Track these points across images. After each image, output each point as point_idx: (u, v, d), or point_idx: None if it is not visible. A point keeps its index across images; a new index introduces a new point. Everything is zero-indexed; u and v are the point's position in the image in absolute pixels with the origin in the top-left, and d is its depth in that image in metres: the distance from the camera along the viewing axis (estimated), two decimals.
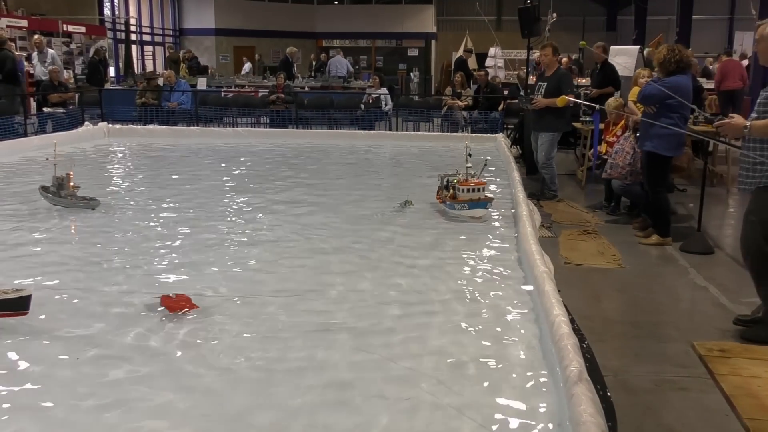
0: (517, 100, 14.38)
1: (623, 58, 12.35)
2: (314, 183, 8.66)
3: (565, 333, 3.49)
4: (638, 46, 13.76)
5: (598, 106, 8.73)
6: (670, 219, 7.12)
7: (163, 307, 4.18)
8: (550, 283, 4.34)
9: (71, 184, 6.74)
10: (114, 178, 9.70)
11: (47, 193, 6.80)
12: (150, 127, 13.89)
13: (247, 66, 24.39)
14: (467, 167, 6.62)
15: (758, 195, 4.68)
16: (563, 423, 2.91)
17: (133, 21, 25.89)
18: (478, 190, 6.50)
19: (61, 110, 14.11)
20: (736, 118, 4.66)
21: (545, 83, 9.08)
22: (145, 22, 27.33)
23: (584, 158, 10.46)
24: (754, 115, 4.66)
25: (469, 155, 6.69)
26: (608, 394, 3.36)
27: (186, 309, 4.15)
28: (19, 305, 3.78)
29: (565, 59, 9.64)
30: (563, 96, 7.97)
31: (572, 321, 3.83)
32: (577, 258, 6.50)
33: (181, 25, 29.11)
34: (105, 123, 13.50)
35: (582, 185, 10.21)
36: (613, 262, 6.41)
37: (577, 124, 10.82)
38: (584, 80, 16.92)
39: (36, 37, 16.42)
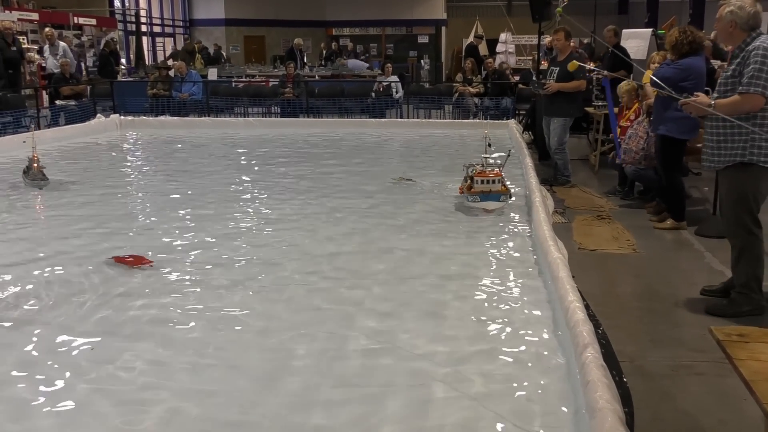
0: (529, 86, 14.30)
1: (635, 41, 12.21)
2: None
3: (580, 319, 3.47)
4: (650, 29, 13.60)
5: (605, 73, 8.66)
6: (685, 203, 7.05)
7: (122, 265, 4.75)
8: (564, 269, 4.31)
9: (35, 165, 7.75)
10: (127, 168, 9.78)
11: (25, 176, 7.83)
12: (161, 118, 13.93)
13: None
14: (483, 157, 6.50)
15: (729, 174, 4.71)
16: (579, 410, 2.89)
17: (143, 12, 25.89)
18: (493, 181, 6.37)
19: (73, 103, 14.15)
20: (701, 97, 4.72)
21: (557, 68, 8.99)
22: (156, 13, 27.32)
23: (597, 143, 10.38)
24: (715, 94, 4.73)
25: (489, 145, 6.51)
26: (624, 380, 3.34)
27: (144, 264, 4.74)
28: None
29: (572, 44, 9.57)
30: (573, 61, 8.00)
31: (587, 307, 3.81)
32: (591, 243, 6.46)
33: (191, 16, 29.08)
34: (117, 115, 13.55)
35: (595, 170, 10.13)
36: (628, 247, 6.36)
37: (590, 109, 10.72)
38: (595, 64, 16.74)
39: (47, 29, 16.43)
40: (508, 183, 6.79)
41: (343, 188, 7.78)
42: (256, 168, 9.29)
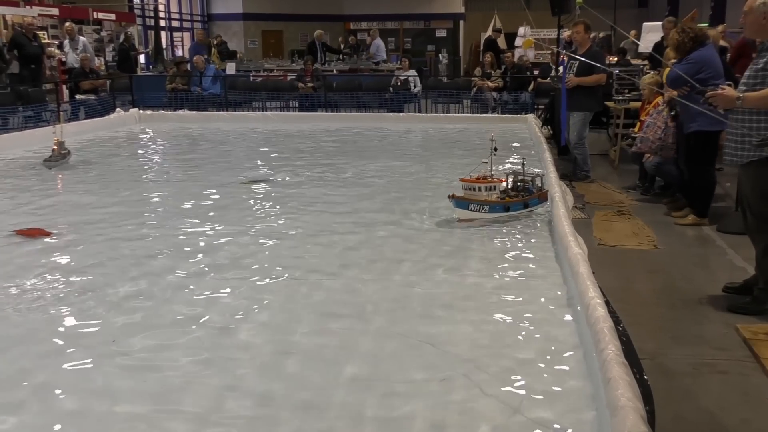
0: (548, 80, 14.20)
1: (655, 35, 12.09)
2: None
3: (601, 315, 3.43)
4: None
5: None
6: (711, 199, 6.96)
7: (22, 237, 5.44)
8: (585, 264, 4.28)
9: (55, 148, 8.68)
10: (147, 161, 9.85)
11: (50, 162, 8.59)
12: (180, 112, 14.01)
13: None
14: (483, 162, 6.14)
15: (753, 170, 4.60)
16: (600, 407, 2.86)
17: (161, 7, 25.98)
18: (477, 189, 5.91)
19: (93, 97, 14.24)
20: (728, 90, 4.59)
21: (576, 62, 8.91)
22: (174, 8, 27.41)
23: (617, 138, 10.28)
24: (743, 87, 4.61)
25: (495, 150, 6.11)
26: (645, 377, 3.30)
27: (42, 236, 5.47)
28: None
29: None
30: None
31: (607, 303, 3.77)
32: (611, 239, 6.40)
33: (209, 11, 29.15)
34: (136, 109, 13.64)
35: (615, 165, 10.04)
36: (648, 243, 6.29)
37: (610, 103, 10.63)
38: (614, 58, 16.56)
39: (67, 24, 16.54)
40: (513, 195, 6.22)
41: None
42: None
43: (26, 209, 6.62)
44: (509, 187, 6.25)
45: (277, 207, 6.72)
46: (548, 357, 3.50)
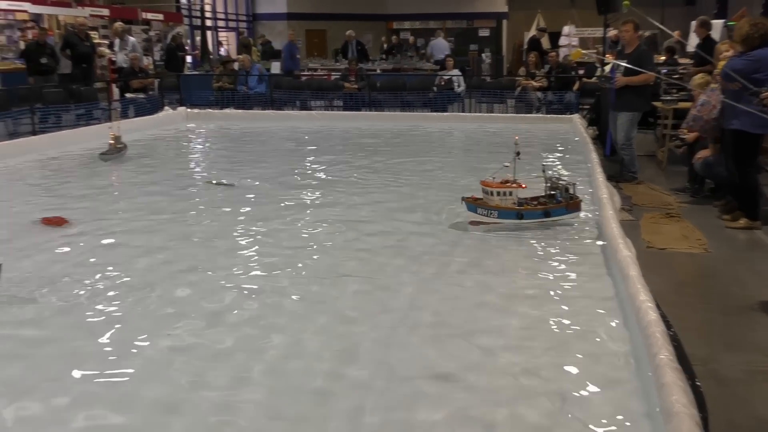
0: (593, 79, 14.02)
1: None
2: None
3: (653, 320, 3.40)
4: (722, 20, 13.16)
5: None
6: (759, 201, 6.80)
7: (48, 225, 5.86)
8: (635, 267, 4.24)
9: (111, 142, 9.11)
10: (195, 159, 10.04)
11: (106, 155, 9.01)
12: (226, 110, 14.21)
13: None
14: (505, 165, 5.94)
15: None
16: (652, 413, 2.84)
17: (207, 7, 26.36)
18: (491, 193, 5.77)
19: (142, 96, 14.53)
20: None
21: (625, 60, 8.79)
22: (220, 8, 27.80)
23: (665, 139, 10.11)
24: None
25: (518, 154, 5.89)
26: (698, 383, 3.26)
27: (65, 224, 5.92)
28: None
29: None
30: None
31: (657, 307, 3.73)
32: (659, 242, 6.30)
33: (254, 10, 29.49)
34: (184, 108, 13.88)
35: (663, 167, 9.87)
36: (699, 246, 6.18)
37: (658, 103, 10.46)
38: (662, 58, 16.25)
39: (117, 24, 16.88)
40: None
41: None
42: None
43: (75, 200, 6.92)
44: (546, 193, 6.07)
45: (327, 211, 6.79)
46: (597, 360, 3.48)
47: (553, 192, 6.03)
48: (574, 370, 3.39)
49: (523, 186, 5.89)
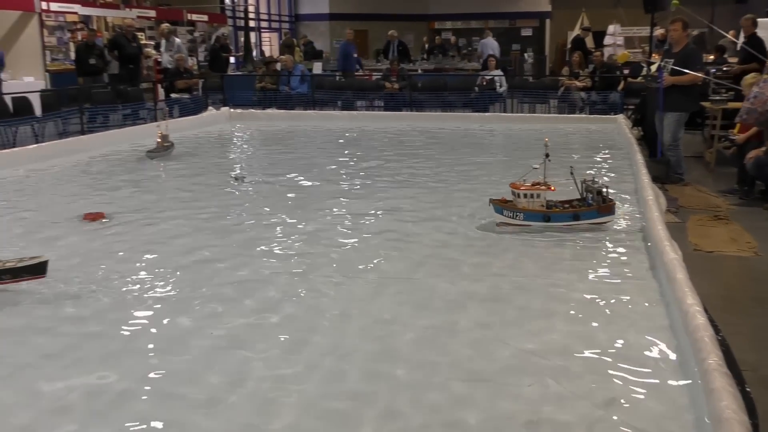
0: (639, 79, 13.78)
1: (761, 32, 11.53)
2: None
3: (701, 324, 3.33)
4: None
5: None
6: None
7: (87, 220, 6.16)
8: (682, 270, 4.16)
9: (158, 141, 9.37)
10: (238, 157, 10.17)
11: (153, 153, 9.28)
12: (269, 111, 14.35)
13: None
14: (534, 168, 5.88)
15: None
16: (701, 419, 2.78)
17: (251, 8, 26.67)
18: (520, 195, 5.75)
19: (187, 96, 14.75)
20: None
21: (672, 60, 8.62)
22: (263, 9, 28.11)
23: (713, 139, 9.88)
24: None
25: (547, 155, 5.82)
26: (747, 389, 3.18)
27: (102, 219, 6.21)
28: (38, 270, 4.37)
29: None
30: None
31: (705, 311, 3.65)
32: (707, 245, 6.16)
33: (296, 11, 29.75)
34: (227, 108, 14.05)
35: (710, 168, 9.65)
36: (748, 249, 6.02)
37: (706, 104, 10.23)
38: (711, 57, 15.90)
39: (163, 25, 17.15)
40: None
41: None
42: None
43: (120, 196, 7.15)
44: (582, 196, 5.97)
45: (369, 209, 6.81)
46: (642, 364, 3.42)
47: (586, 195, 5.94)
48: (619, 374, 3.33)
49: (552, 188, 5.84)
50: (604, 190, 5.91)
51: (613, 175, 8.31)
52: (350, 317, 4.09)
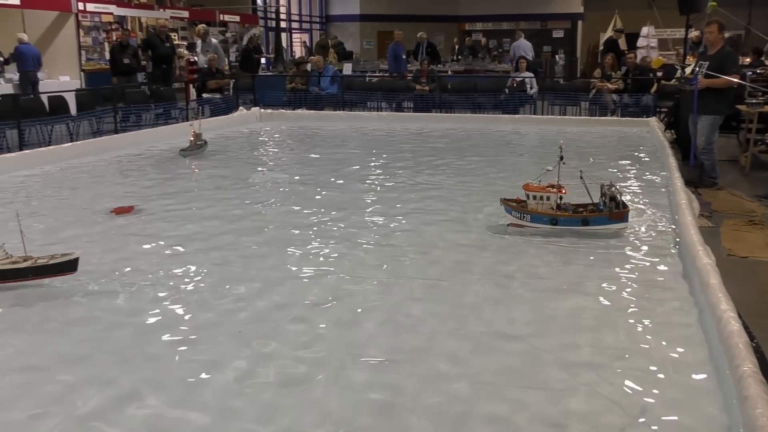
0: (672, 81, 13.60)
1: None
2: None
3: (735, 330, 3.28)
4: None
5: None
6: None
7: (118, 214, 6.30)
8: (716, 275, 4.09)
9: (192, 139, 9.57)
10: (269, 156, 10.25)
11: (186, 151, 9.45)
12: (299, 111, 14.42)
13: None
14: (547, 169, 5.82)
15: None
16: (734, 426, 2.73)
17: (282, 9, 26.85)
18: (534, 197, 5.71)
19: (218, 96, 14.89)
20: None
21: (707, 62, 8.49)
22: (294, 9, 28.29)
23: (748, 143, 9.71)
24: None
25: (561, 158, 5.71)
26: None
27: (131, 211, 6.37)
28: (68, 267, 4.44)
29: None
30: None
31: (739, 317, 3.59)
32: (741, 250, 6.05)
33: (327, 12, 29.88)
34: (257, 108, 14.16)
35: (745, 172, 9.49)
36: None
37: (742, 107, 10.06)
38: (748, 59, 15.64)
39: (200, 26, 17.24)
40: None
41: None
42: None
43: (153, 194, 7.25)
44: (603, 201, 5.85)
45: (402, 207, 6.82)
46: (675, 370, 3.38)
47: (604, 199, 5.83)
48: (651, 380, 3.29)
49: (563, 191, 5.78)
50: (618, 196, 5.79)
51: (645, 178, 8.21)
52: (368, 313, 4.10)
